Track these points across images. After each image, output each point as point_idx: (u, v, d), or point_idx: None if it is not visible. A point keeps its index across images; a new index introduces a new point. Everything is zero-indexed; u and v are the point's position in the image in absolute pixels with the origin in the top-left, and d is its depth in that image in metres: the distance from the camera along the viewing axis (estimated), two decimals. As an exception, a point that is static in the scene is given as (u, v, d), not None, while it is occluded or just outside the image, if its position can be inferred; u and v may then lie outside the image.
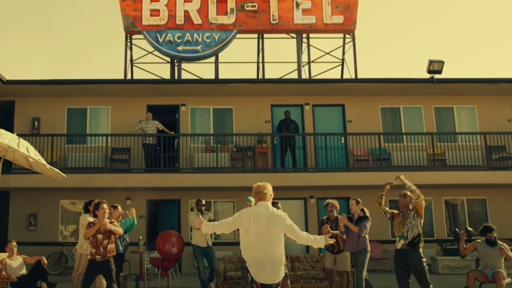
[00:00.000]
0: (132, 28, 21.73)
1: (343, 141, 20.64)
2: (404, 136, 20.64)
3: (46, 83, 19.93)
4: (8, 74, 19.85)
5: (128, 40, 22.25)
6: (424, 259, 9.79)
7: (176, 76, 21.83)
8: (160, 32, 21.47)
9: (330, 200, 12.16)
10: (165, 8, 21.61)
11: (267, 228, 6.91)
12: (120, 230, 10.18)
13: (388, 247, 18.73)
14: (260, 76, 22.82)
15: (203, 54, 21.60)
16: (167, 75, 22.65)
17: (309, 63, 22.82)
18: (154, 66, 31.44)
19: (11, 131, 11.26)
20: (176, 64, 22.03)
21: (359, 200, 11.41)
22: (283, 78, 22.25)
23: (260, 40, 22.66)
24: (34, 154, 10.03)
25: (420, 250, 9.79)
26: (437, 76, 20.27)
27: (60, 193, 19.75)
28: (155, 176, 18.97)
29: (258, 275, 6.84)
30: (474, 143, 20.17)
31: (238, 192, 18.75)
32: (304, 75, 22.20)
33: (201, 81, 21.28)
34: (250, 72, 29.16)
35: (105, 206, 9.77)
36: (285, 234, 7.09)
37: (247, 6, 21.70)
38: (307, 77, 22.40)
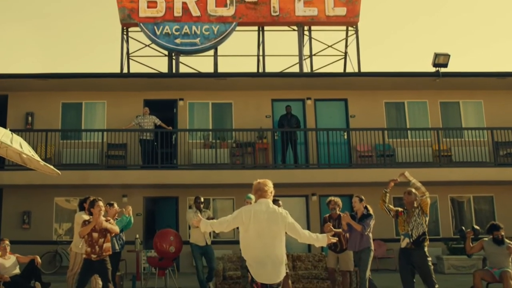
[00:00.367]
0: (128, 20, 21.72)
1: (345, 136, 20.61)
2: (408, 132, 20.64)
3: (40, 77, 19.92)
4: (0, 67, 19.85)
5: (125, 32, 22.24)
6: (429, 258, 9.79)
7: (174, 70, 21.84)
8: (158, 24, 21.45)
9: (333, 198, 12.15)
10: (162, -1, 21.62)
11: (267, 226, 6.90)
12: (116, 229, 10.17)
13: (392, 246, 18.74)
14: (261, 70, 22.80)
15: (201, 47, 21.60)
16: (164, 69, 22.67)
17: (311, 56, 22.81)
18: (151, 60, 31.45)
19: (4, 127, 11.27)
20: (174, 57, 22.03)
21: (362, 197, 11.41)
22: (284, 71, 22.25)
23: (261, 32, 22.64)
24: (27, 150, 10.02)
25: (425, 249, 9.79)
26: (442, 69, 20.25)
27: (54, 190, 19.75)
28: (152, 173, 18.96)
29: (259, 274, 6.83)
30: (481, 138, 20.12)
31: (238, 189, 18.72)
32: (306, 69, 22.20)
33: (199, 75, 21.26)
34: (250, 66, 29.22)
35: (100, 203, 9.75)
36: (286, 233, 7.09)
37: (247, -2, 21.73)
38: (309, 70, 22.39)
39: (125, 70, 22.17)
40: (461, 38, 54.59)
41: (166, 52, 22.53)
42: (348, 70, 22.87)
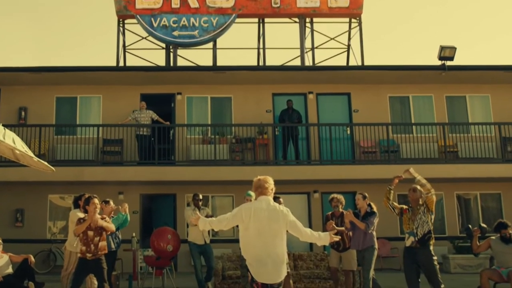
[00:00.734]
0: (124, 12, 21.68)
1: (348, 132, 20.61)
2: (413, 127, 20.64)
3: (34, 71, 19.91)
4: (-8, 61, 19.84)
5: (121, 24, 22.21)
6: (435, 258, 9.78)
7: (171, 63, 21.81)
8: (155, 16, 21.42)
9: (335, 195, 12.14)
10: (159, -10, 21.59)
11: (268, 225, 6.90)
12: (112, 227, 10.17)
13: (396, 245, 18.76)
14: (261, 63, 22.79)
15: (200, 39, 21.57)
16: (162, 62, 22.66)
17: (312, 49, 22.77)
18: (148, 53, 31.32)
19: (-4, 122, 11.23)
20: (171, 50, 22.00)
21: (366, 194, 11.41)
22: (285, 65, 22.22)
23: (261, 24, 22.61)
24: (20, 145, 9.99)
25: (431, 248, 9.78)
26: (448, 63, 20.23)
27: (48, 187, 19.73)
28: (149, 169, 18.95)
29: (259, 274, 6.83)
30: (488, 134, 20.09)
31: (238, 186, 18.74)
32: (308, 62, 22.17)
33: (198, 68, 21.25)
34: (250, 59, 29.24)
35: (96, 201, 9.74)
36: (287, 231, 7.09)
37: (247, -11, 21.70)
38: (311, 64, 22.36)
39: (121, 64, 22.15)
40: (467, 31, 54.57)
41: (164, 45, 22.49)
42: (351, 64, 22.86)
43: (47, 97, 20.94)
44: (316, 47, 23.09)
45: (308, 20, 22.52)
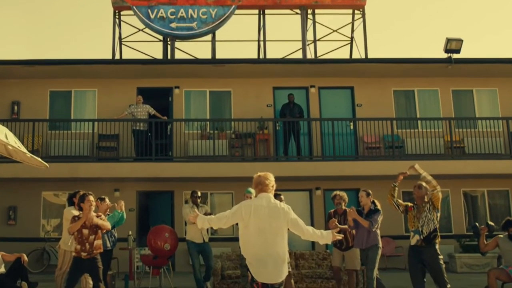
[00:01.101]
0: (120, 3, 21.66)
1: (352, 127, 20.62)
2: (419, 122, 20.63)
3: (27, 64, 19.90)
4: (-16, 53, 19.84)
5: (117, 16, 22.19)
6: (440, 257, 9.77)
7: (169, 56, 21.80)
8: (152, 7, 21.40)
9: (338, 192, 12.14)
10: (157, -20, 21.57)
11: (268, 223, 6.89)
12: (108, 225, 10.17)
13: (401, 243, 18.78)
14: (261, 56, 22.78)
15: (198, 31, 21.56)
16: (159, 55, 22.65)
17: (314, 41, 22.76)
18: (145, 45, 31.31)
19: (-12, 116, 11.24)
20: (169, 42, 21.99)
21: (370, 191, 11.40)
22: (287, 58, 22.22)
23: (261, 16, 22.59)
24: (13, 141, 9.99)
25: (437, 247, 9.78)
26: (455, 55, 20.23)
27: (42, 184, 19.75)
28: (146, 166, 18.95)
29: (259, 273, 6.82)
30: (495, 129, 20.09)
31: (237, 183, 18.72)
32: (310, 55, 22.17)
33: (196, 61, 21.24)
34: (250, 52, 29.19)
35: (91, 198, 9.74)
36: (288, 229, 7.08)
37: (247, -21, 21.68)
38: (313, 57, 22.35)
39: (117, 56, 22.15)
40: (474, 22, 54.51)
41: (161, 37, 22.49)
42: (354, 56, 22.86)
43: (40, 91, 20.92)
44: (318, 40, 23.08)
45: (310, 11, 22.50)
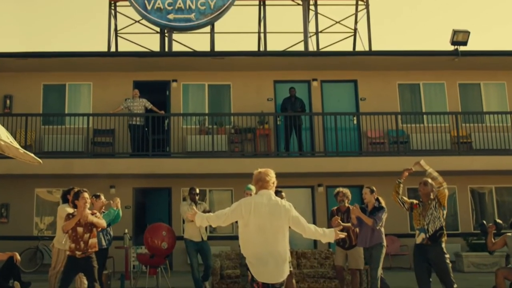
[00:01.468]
0: (116, -6, 21.67)
1: (355, 121, 20.60)
2: (424, 116, 20.63)
3: (19, 56, 19.89)
4: (-25, 46, 19.82)
5: (112, 7, 22.21)
6: (447, 255, 9.75)
7: (166, 48, 21.81)
8: (148, -2, 21.38)
9: (341, 189, 12.14)
10: (153, -30, 21.53)
11: (269, 220, 6.89)
12: (103, 223, 10.14)
13: (406, 242, 18.77)
14: (262, 48, 22.80)
15: (197, 23, 21.52)
16: (156, 47, 22.66)
17: (317, 33, 22.77)
18: (141, 37, 31.24)
19: (-21, 111, 11.24)
20: (166, 34, 21.99)
21: (374, 188, 11.41)
22: (288, 50, 22.22)
23: (262, 7, 22.62)
24: (5, 136, 10.00)
25: (443, 245, 9.76)
26: (462, 48, 20.21)
27: (35, 180, 19.74)
28: (142, 162, 18.94)
29: (259, 273, 6.83)
30: (503, 123, 20.10)
31: (237, 180, 18.73)
32: (312, 47, 22.17)
33: (194, 53, 21.24)
34: (251, 44, 29.13)
35: (86, 195, 9.72)
36: (289, 227, 7.07)
37: (247, -32, 21.67)
38: (315, 49, 22.37)
39: (113, 49, 22.16)
40: (482, 14, 54.44)
41: (158, 29, 22.49)
42: (357, 49, 22.88)
43: (33, 84, 20.91)
44: (321, 31, 23.10)
45: (312, 2, 22.54)
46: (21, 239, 19.02)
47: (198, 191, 13.91)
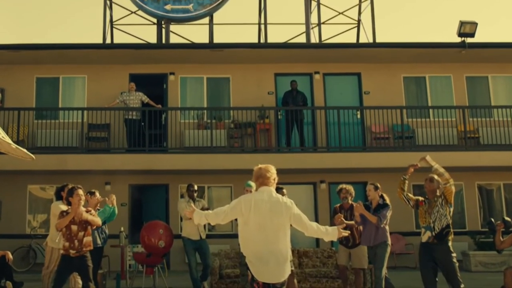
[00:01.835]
0: (111, -16, 21.65)
1: (359, 116, 20.60)
2: (430, 110, 20.64)
3: (12, 48, 19.90)
4: (-34, 37, 19.82)
5: (107, -3, 22.17)
6: (454, 254, 9.75)
7: (163, 40, 21.79)
8: (145, -12, 21.36)
9: (344, 185, 12.15)
10: (150, -41, 21.50)
11: (270, 218, 6.89)
12: (98, 221, 10.15)
13: (412, 240, 18.80)
14: (262, 40, 22.77)
15: (195, 14, 21.49)
16: (153, 39, 22.64)
17: (319, 25, 22.73)
18: (137, 29, 31.32)
19: (-30, 104, 11.23)
20: (163, 26, 21.96)
21: (378, 185, 11.40)
22: (289, 42, 22.19)
23: (262, -3, 22.58)
24: (-4, 131, 9.99)
25: (449, 244, 9.76)
26: (469, 40, 20.19)
27: (28, 177, 19.75)
28: (139, 157, 18.94)
29: (260, 272, 6.83)
30: (512, 118, 20.11)
31: (236, 176, 18.71)
32: (314, 39, 22.14)
33: (192, 46, 21.22)
34: (250, 36, 29.13)
35: (80, 192, 9.71)
36: (291, 225, 7.07)
37: (247, -43, 21.63)
38: (317, 41, 22.33)
39: (108, 41, 22.11)
40: (490, 4, 54.37)
41: (155, 20, 22.46)
42: (361, 41, 22.84)
43: (26, 77, 20.89)
44: (323, 23, 23.06)
45: (314, -8, 22.49)
46: (13, 238, 19.01)
47: (196, 187, 13.90)
